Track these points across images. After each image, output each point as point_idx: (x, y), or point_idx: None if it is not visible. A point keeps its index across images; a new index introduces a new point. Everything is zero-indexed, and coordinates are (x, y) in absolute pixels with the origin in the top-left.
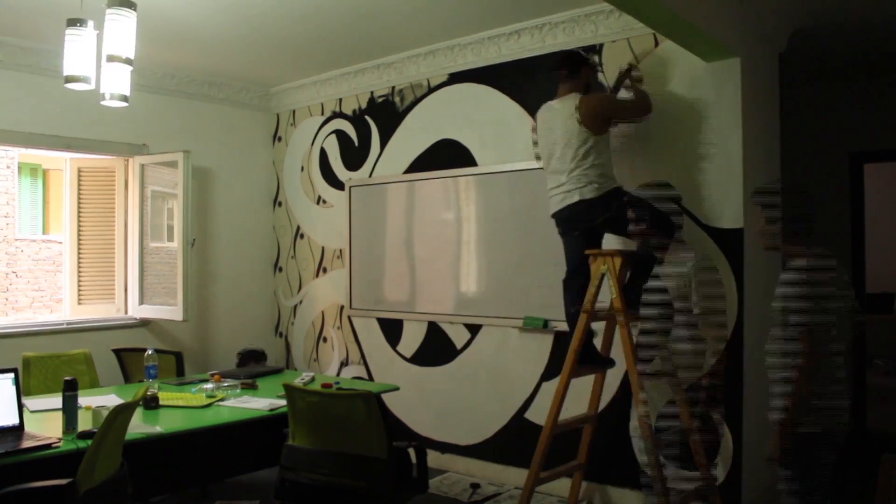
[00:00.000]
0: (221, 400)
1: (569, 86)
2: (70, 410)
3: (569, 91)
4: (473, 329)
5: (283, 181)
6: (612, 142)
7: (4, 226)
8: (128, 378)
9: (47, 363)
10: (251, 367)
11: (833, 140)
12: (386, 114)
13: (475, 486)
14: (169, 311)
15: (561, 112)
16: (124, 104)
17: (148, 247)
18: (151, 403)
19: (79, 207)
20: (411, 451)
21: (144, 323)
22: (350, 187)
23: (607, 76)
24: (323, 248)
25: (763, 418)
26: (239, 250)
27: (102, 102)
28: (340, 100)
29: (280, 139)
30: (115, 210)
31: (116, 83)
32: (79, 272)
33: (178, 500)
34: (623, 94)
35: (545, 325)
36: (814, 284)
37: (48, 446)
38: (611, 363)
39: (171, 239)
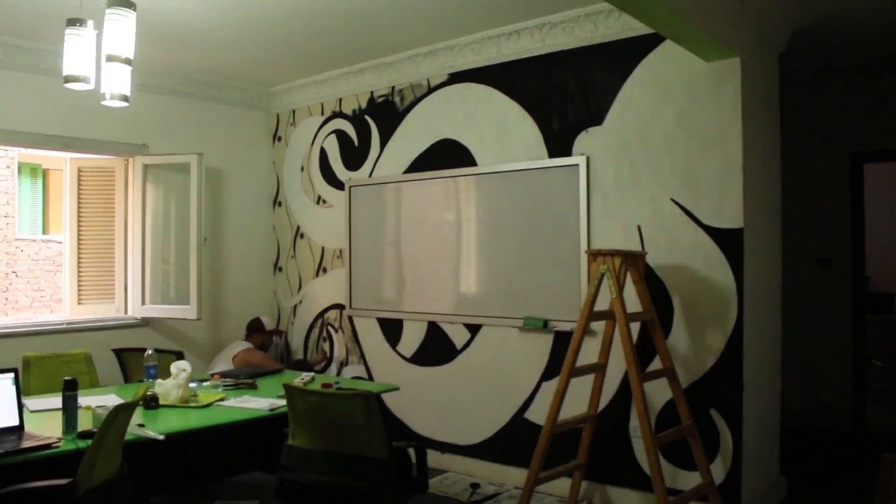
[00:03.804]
0: (221, 400)
1: (247, 339)
2: (70, 410)
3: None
4: (473, 329)
5: (283, 181)
6: (613, 143)
7: (4, 226)
8: (128, 378)
9: (47, 363)
10: (252, 367)
11: (833, 140)
12: (386, 114)
13: (475, 486)
14: (182, 310)
15: (230, 350)
16: (124, 104)
17: (156, 246)
18: (151, 403)
19: (79, 207)
20: (411, 451)
21: (145, 322)
22: (350, 187)
23: (602, 78)
24: (323, 248)
25: (763, 418)
26: (239, 250)
27: (102, 102)
28: (340, 100)
29: (280, 139)
30: (115, 210)
31: (116, 83)
32: (79, 272)
33: (178, 500)
34: None
35: (545, 325)
36: None
37: (48, 446)
38: None
39: (180, 238)
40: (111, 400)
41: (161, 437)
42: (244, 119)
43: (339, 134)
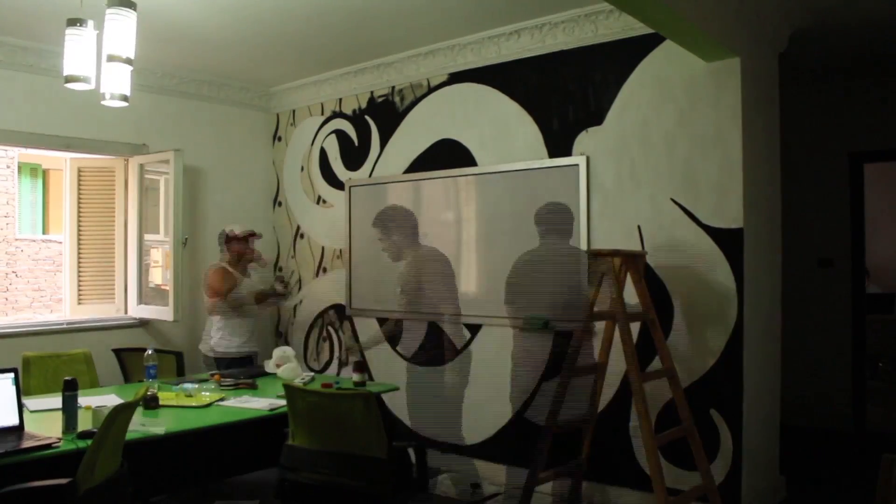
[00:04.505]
0: (221, 400)
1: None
2: (70, 410)
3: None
4: (473, 329)
5: (283, 181)
6: (613, 143)
7: (4, 226)
8: (128, 378)
9: (47, 363)
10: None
11: (833, 140)
12: (386, 114)
13: (475, 485)
14: (159, 311)
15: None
16: (124, 104)
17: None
18: (151, 403)
19: (79, 207)
20: (411, 451)
21: (144, 323)
22: (350, 187)
23: (607, 77)
24: (323, 248)
25: (763, 418)
26: None
27: (102, 102)
28: (340, 100)
29: (280, 139)
30: (115, 210)
31: (116, 83)
32: (79, 272)
33: (178, 500)
34: None
35: (545, 325)
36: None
37: (48, 446)
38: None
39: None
40: (111, 400)
41: (162, 432)
42: (244, 119)
43: (339, 134)
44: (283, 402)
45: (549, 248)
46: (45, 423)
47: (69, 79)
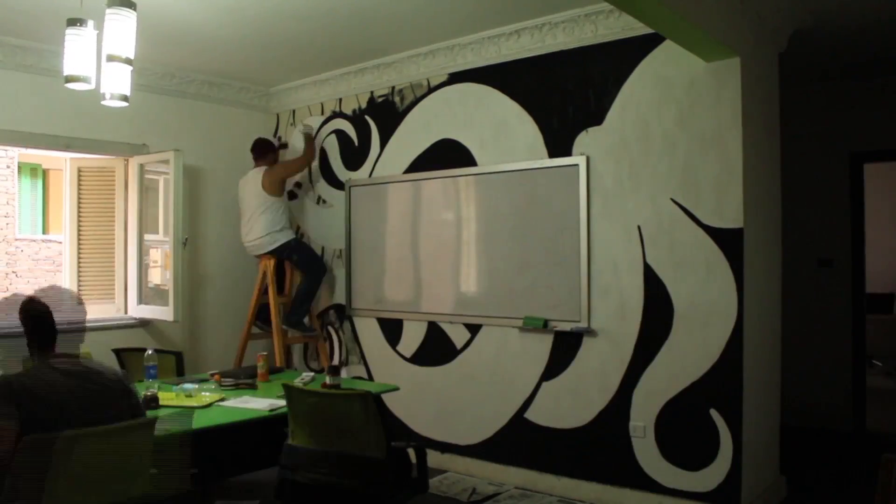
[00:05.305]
0: (221, 400)
1: (259, 163)
2: None
3: (259, 167)
4: (473, 329)
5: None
6: (613, 143)
7: (4, 226)
8: None
9: None
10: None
11: (833, 140)
12: (386, 114)
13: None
14: (161, 311)
15: (252, 180)
16: (124, 104)
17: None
18: (151, 404)
19: (79, 207)
20: (411, 451)
21: (145, 323)
22: (350, 187)
23: (599, 77)
24: (323, 248)
25: (763, 418)
26: (238, 250)
27: (103, 102)
28: (340, 100)
29: (280, 139)
30: (115, 210)
31: (116, 83)
32: (79, 272)
33: (178, 500)
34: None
35: (545, 325)
36: None
37: None
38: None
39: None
40: None
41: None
42: (244, 119)
43: (339, 134)
44: (283, 402)
45: None
46: None
47: (69, 79)
